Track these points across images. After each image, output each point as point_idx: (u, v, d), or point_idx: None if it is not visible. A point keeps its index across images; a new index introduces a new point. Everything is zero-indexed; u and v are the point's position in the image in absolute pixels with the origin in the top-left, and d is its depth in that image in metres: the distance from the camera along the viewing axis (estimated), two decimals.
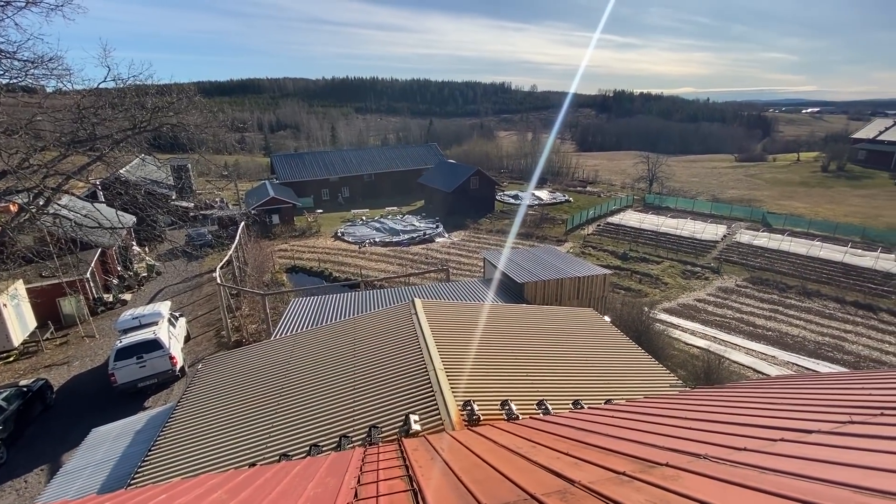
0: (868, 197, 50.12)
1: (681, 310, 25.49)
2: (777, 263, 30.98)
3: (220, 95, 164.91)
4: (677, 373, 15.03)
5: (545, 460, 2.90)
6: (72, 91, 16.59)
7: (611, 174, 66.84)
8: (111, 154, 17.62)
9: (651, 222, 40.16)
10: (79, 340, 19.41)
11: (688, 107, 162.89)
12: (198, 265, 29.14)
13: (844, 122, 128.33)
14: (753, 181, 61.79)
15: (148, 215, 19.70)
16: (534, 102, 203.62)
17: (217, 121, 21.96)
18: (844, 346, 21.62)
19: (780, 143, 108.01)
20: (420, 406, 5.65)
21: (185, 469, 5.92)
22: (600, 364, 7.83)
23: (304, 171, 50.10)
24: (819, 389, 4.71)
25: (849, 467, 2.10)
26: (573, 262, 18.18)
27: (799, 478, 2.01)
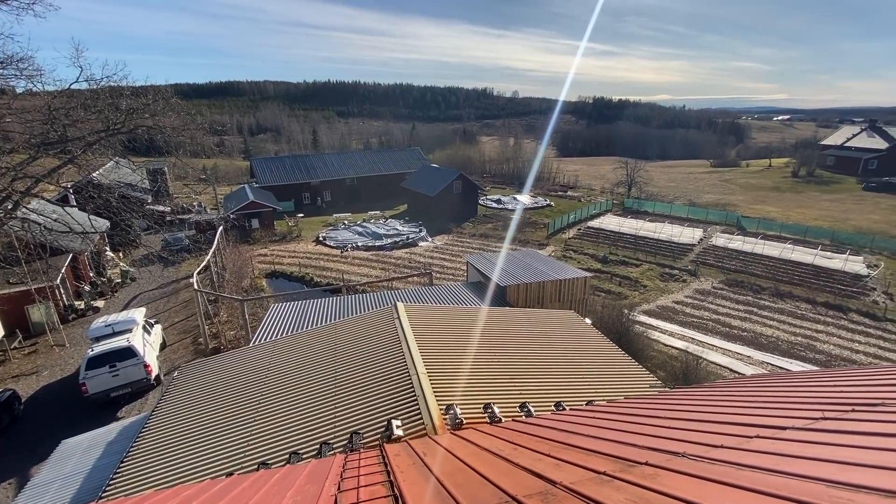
0: (837, 201, 52.05)
1: (659, 312, 25.96)
2: (751, 266, 31.86)
3: (198, 98, 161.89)
4: (656, 373, 15.28)
5: (527, 462, 2.89)
6: (42, 92, 16.09)
7: (591, 179, 67.89)
8: (83, 156, 17.11)
9: (630, 226, 40.91)
10: (48, 349, 18.70)
11: (665, 113, 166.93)
12: (174, 271, 28.44)
13: (813, 130, 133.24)
14: (728, 186, 63.55)
15: (122, 220, 19.17)
16: (515, 108, 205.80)
17: (195, 123, 21.52)
18: (816, 346, 22.32)
19: (753, 149, 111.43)
20: (402, 411, 5.60)
21: (160, 480, 5.73)
22: (582, 366, 7.90)
23: (284, 175, 49.49)
24: (792, 387, 4.83)
25: (822, 462, 2.15)
26: (555, 265, 18.36)
27: (774, 473, 2.04)
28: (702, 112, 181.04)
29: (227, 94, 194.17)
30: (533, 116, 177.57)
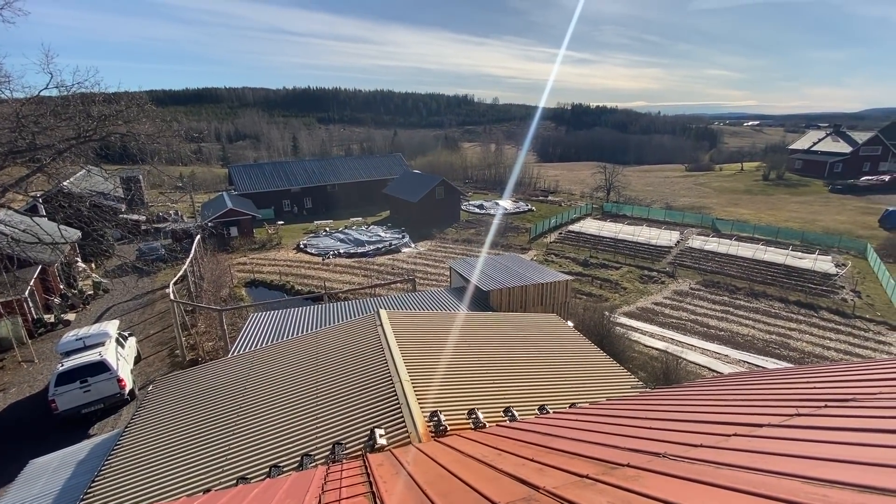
0: (805, 203, 53.94)
1: (640, 313, 26.38)
2: (727, 266, 32.70)
3: (174, 105, 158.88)
4: (638, 374, 15.52)
5: (511, 468, 2.88)
6: (10, 99, 15.56)
7: (570, 184, 68.87)
8: (53, 165, 16.57)
9: (609, 230, 41.58)
10: (16, 366, 17.92)
11: (641, 119, 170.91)
12: (150, 281, 27.67)
13: (782, 135, 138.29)
14: (702, 189, 65.26)
15: (94, 229, 18.59)
16: (496, 115, 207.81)
17: (171, 130, 21.05)
18: (790, 344, 22.98)
19: (725, 153, 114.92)
20: (386, 419, 5.53)
21: (134, 498, 5.52)
22: (565, 368, 7.95)
23: (264, 182, 48.80)
24: (768, 385, 4.95)
25: (797, 458, 2.19)
26: (537, 269, 18.51)
27: (751, 471, 2.08)
28: (676, 118, 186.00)
29: (204, 101, 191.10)
30: (513, 123, 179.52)
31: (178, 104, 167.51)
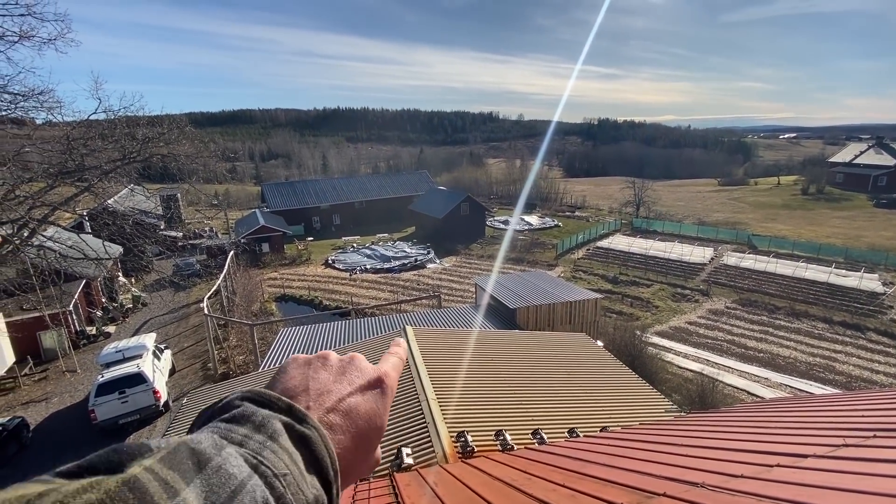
0: (848, 218, 51.45)
1: (673, 333, 25.53)
2: (765, 285, 31.37)
3: (211, 126, 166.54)
4: (672, 397, 14.94)
5: (541, 493, 2.83)
6: (62, 123, 16.61)
7: (598, 199, 68.00)
8: (100, 184, 17.52)
9: (639, 246, 40.65)
10: (59, 375, 18.79)
11: (670, 133, 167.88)
12: (185, 295, 28.68)
13: (820, 147, 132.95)
14: (737, 204, 63.23)
15: (135, 245, 19.48)
16: (521, 131, 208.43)
17: (208, 151, 22.02)
18: (835, 367, 21.72)
19: (761, 167, 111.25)
20: (412, 438, 5.52)
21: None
22: (595, 390, 7.76)
23: (294, 200, 50.22)
24: (812, 412, 4.70)
25: (844, 492, 2.08)
26: (564, 286, 18.25)
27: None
28: (707, 131, 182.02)
29: (239, 122, 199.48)
30: (539, 138, 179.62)
31: (214, 125, 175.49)
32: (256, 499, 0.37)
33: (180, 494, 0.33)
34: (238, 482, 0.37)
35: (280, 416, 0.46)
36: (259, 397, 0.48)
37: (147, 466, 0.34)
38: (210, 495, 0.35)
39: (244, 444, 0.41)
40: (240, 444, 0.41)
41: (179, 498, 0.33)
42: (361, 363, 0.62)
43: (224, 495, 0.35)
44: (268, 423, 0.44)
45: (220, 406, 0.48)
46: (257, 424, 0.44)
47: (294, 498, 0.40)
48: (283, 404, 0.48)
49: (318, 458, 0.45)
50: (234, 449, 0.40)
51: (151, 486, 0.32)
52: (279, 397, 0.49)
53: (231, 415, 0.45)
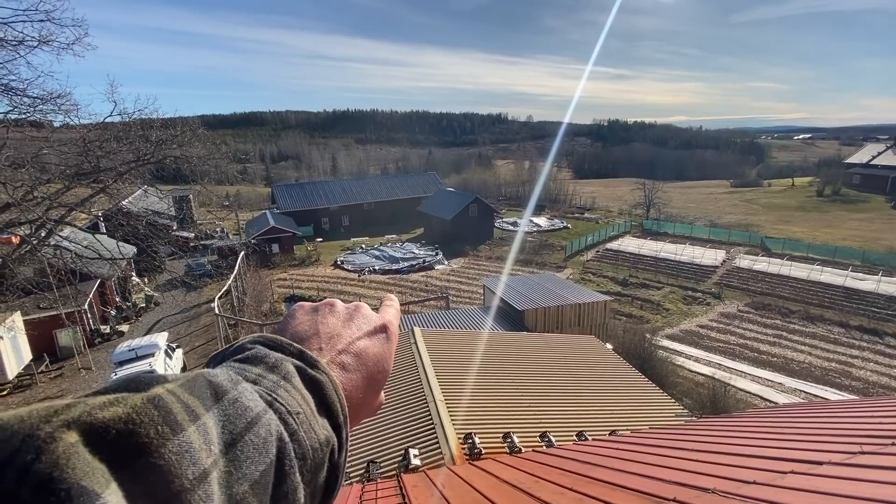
0: (865, 220, 50.45)
1: (683, 336, 25.23)
2: (778, 288, 30.87)
3: (223, 128, 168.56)
4: (682, 401, 14.76)
5: (549, 496, 2.81)
6: (78, 125, 16.93)
7: (608, 200, 67.51)
8: (115, 186, 17.82)
9: (650, 248, 40.26)
10: (74, 373, 19.12)
11: (682, 134, 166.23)
12: (196, 295, 29.02)
13: (836, 148, 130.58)
14: (750, 206, 62.36)
15: (148, 246, 19.76)
16: (530, 132, 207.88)
17: (220, 152, 22.28)
18: (852, 372, 21.29)
19: (774, 168, 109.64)
20: (420, 440, 5.52)
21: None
22: (604, 393, 7.69)
23: (304, 201, 50.60)
24: (827, 418, 4.61)
25: (861, 500, 2.03)
26: (573, 288, 18.14)
27: None
28: (719, 132, 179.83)
29: (250, 124, 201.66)
30: (548, 140, 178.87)
31: (226, 127, 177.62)
32: (272, 432, 0.38)
33: (201, 419, 0.34)
34: (254, 415, 0.38)
35: (292, 360, 0.47)
36: (271, 342, 0.49)
37: (169, 389, 0.35)
38: (227, 424, 0.36)
39: (258, 382, 0.42)
40: (254, 382, 0.42)
41: (200, 422, 0.34)
42: (366, 310, 0.64)
43: (241, 426, 0.36)
44: (280, 364, 0.45)
45: (232, 349, 0.49)
46: (270, 365, 0.45)
47: (307, 436, 0.41)
48: (295, 349, 0.49)
49: (329, 402, 0.46)
50: (250, 385, 0.41)
51: (174, 407, 0.33)
52: (290, 342, 0.49)
53: (244, 356, 0.46)
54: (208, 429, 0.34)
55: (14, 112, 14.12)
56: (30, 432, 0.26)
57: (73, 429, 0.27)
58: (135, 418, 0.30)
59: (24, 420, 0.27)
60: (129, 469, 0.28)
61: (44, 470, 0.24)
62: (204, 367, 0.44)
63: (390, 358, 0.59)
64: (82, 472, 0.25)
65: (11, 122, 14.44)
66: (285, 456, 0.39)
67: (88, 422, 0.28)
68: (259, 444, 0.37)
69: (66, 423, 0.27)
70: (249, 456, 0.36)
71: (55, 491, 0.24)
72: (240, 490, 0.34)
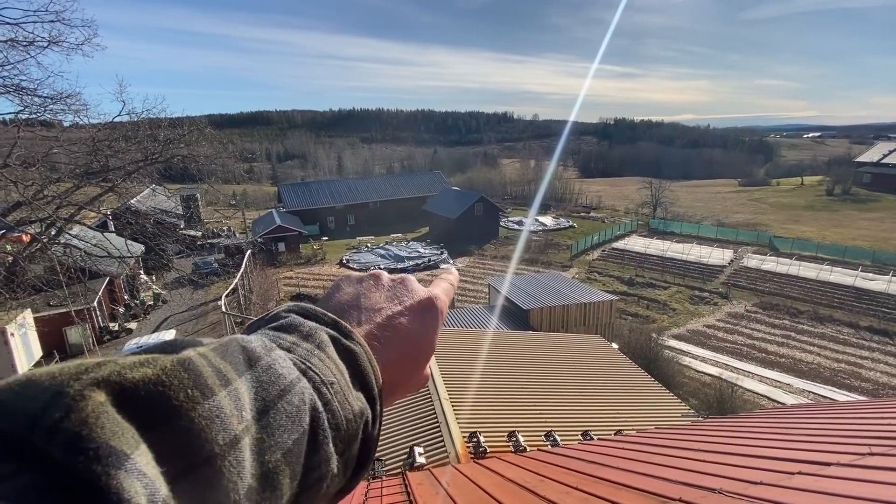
0: (876, 220, 49.83)
1: (690, 336, 25.08)
2: (787, 288, 30.60)
3: (230, 127, 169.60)
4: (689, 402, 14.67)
5: (554, 495, 2.81)
6: (88, 125, 17.10)
7: (614, 200, 67.19)
8: (123, 185, 18.00)
9: (656, 247, 40.03)
10: None
11: (689, 133, 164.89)
12: (203, 293, 29.25)
13: (846, 146, 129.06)
14: (758, 205, 61.81)
15: (156, 244, 19.93)
16: (536, 131, 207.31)
17: (226, 152, 22.42)
18: (861, 374, 21.07)
19: (783, 167, 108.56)
20: (424, 438, 5.53)
21: None
22: (609, 393, 7.67)
23: (310, 200, 50.79)
24: (836, 419, 4.57)
25: (869, 502, 2.01)
26: (579, 287, 18.09)
27: None
28: (727, 131, 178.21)
29: (256, 124, 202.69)
30: (554, 138, 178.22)
31: (233, 127, 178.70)
32: (305, 399, 0.37)
33: (233, 384, 0.33)
34: (287, 382, 0.37)
35: (326, 329, 0.45)
36: (306, 311, 0.48)
37: (201, 353, 0.34)
38: (260, 391, 0.35)
39: (292, 350, 0.41)
40: (288, 350, 0.41)
41: (232, 387, 0.33)
42: (413, 284, 0.62)
43: (274, 393, 0.35)
44: (315, 333, 0.44)
45: (268, 318, 0.48)
46: (304, 334, 0.43)
47: (341, 407, 0.40)
48: (329, 319, 0.47)
49: (363, 374, 0.45)
50: (283, 353, 0.40)
51: (205, 371, 0.32)
52: (325, 312, 0.48)
53: (279, 324, 0.45)
54: (240, 394, 0.33)
55: (25, 112, 14.29)
56: (59, 389, 0.26)
57: (103, 388, 0.27)
58: (164, 380, 0.30)
59: (55, 376, 0.27)
60: (159, 431, 0.28)
61: (72, 428, 0.24)
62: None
63: (433, 335, 0.57)
64: (111, 431, 0.25)
65: (22, 122, 14.62)
66: (319, 426, 0.38)
67: (118, 381, 0.28)
68: (292, 412, 0.36)
69: (96, 381, 0.27)
70: (282, 424, 0.35)
71: (83, 450, 0.24)
72: (272, 458, 0.33)
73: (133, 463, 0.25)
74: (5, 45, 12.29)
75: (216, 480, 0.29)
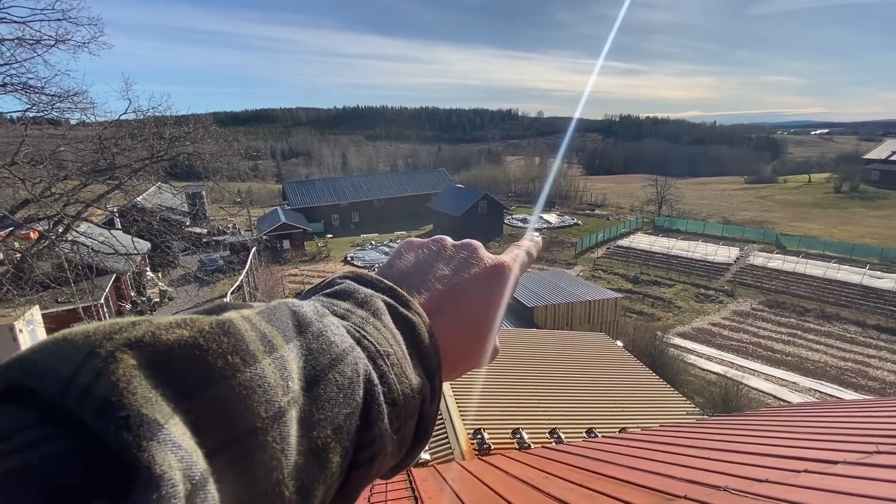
0: (884, 218, 49.33)
1: (695, 334, 24.98)
2: (793, 286, 30.39)
3: (235, 125, 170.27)
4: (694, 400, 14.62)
5: (558, 492, 2.81)
6: (94, 123, 17.22)
7: (619, 197, 66.89)
8: (129, 182, 18.12)
9: (661, 245, 39.85)
10: None
11: (695, 130, 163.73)
12: (209, 290, 29.43)
13: (855, 143, 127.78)
14: (765, 203, 61.35)
15: (162, 241, 20.06)
16: (540, 128, 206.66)
17: (232, 149, 22.52)
18: (868, 372, 20.91)
19: (791, 164, 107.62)
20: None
21: None
22: (614, 391, 7.66)
23: (315, 198, 50.91)
24: (843, 418, 4.54)
25: (876, 500, 2.01)
26: (583, 285, 18.06)
27: None
28: (734, 127, 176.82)
29: (261, 121, 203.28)
30: (558, 136, 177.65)
31: (238, 125, 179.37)
32: (359, 371, 0.34)
33: (278, 351, 0.30)
34: (340, 350, 0.33)
35: (383, 296, 0.41)
36: (361, 277, 0.44)
37: (245, 315, 0.30)
38: (310, 359, 0.31)
39: (346, 317, 0.37)
40: (342, 318, 0.37)
41: (277, 354, 0.30)
42: (479, 250, 0.56)
43: (325, 362, 0.32)
44: (371, 300, 0.40)
45: (322, 285, 0.44)
46: (360, 301, 0.40)
47: (398, 380, 0.36)
48: (385, 285, 0.43)
49: (422, 346, 0.41)
50: (337, 319, 0.36)
51: (248, 335, 0.29)
52: (381, 279, 0.44)
53: (333, 290, 0.42)
54: (287, 362, 0.30)
55: (32, 110, 14.41)
56: (91, 349, 0.24)
57: (136, 349, 0.25)
58: (202, 343, 0.27)
59: (89, 335, 0.25)
60: (195, 401, 0.25)
61: (102, 393, 0.22)
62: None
63: (499, 305, 0.52)
64: (143, 398, 0.23)
65: (30, 120, 14.73)
66: (374, 400, 0.34)
67: (152, 342, 0.26)
68: (345, 384, 0.32)
69: (128, 342, 0.25)
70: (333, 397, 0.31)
71: (114, 417, 0.22)
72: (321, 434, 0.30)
73: (167, 433, 0.23)
74: (12, 43, 12.39)
75: (258, 456, 0.26)
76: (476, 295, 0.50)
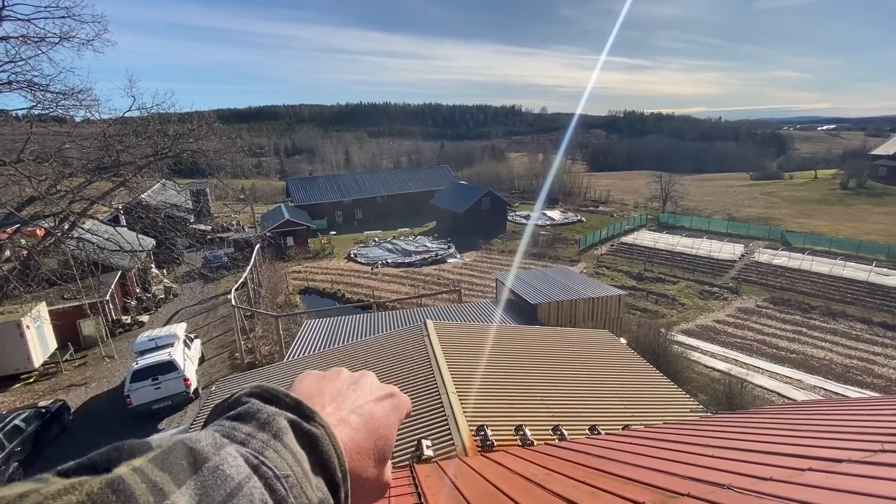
0: (891, 214, 48.89)
1: (699, 331, 24.90)
2: (798, 283, 30.21)
3: (238, 122, 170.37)
4: (697, 397, 14.60)
5: (561, 489, 2.82)
6: (99, 120, 17.30)
7: (623, 194, 66.59)
8: (134, 179, 18.22)
9: (666, 242, 39.68)
10: (97, 361, 19.68)
11: (700, 126, 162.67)
12: (213, 287, 29.56)
13: (862, 139, 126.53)
14: (770, 199, 60.92)
15: (167, 238, 20.17)
16: (544, 124, 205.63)
17: (235, 146, 22.59)
18: (874, 370, 20.79)
19: (797, 160, 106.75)
20: (432, 431, 5.57)
21: None
22: (617, 388, 7.65)
23: (318, 194, 50.97)
24: (848, 416, 4.52)
25: (881, 499, 2.00)
26: (587, 282, 18.01)
27: None
28: (740, 123, 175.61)
29: (264, 118, 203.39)
30: (562, 132, 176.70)
31: (241, 121, 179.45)
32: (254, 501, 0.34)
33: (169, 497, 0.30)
34: (235, 484, 0.34)
35: (286, 414, 0.43)
36: (267, 393, 0.46)
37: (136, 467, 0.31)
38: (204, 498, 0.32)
39: (246, 442, 0.39)
40: (242, 443, 0.39)
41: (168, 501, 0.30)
42: (374, 379, 0.62)
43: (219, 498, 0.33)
44: (273, 420, 0.41)
45: (229, 402, 0.46)
46: (262, 422, 0.41)
47: (296, 501, 0.37)
48: (291, 401, 0.45)
49: (325, 459, 0.42)
50: (235, 448, 0.37)
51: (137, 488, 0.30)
52: (287, 394, 0.46)
53: (237, 412, 0.43)
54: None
55: (37, 107, 14.48)
56: None
57: None
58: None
59: None
60: None
61: None
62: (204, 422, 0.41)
63: (395, 428, 0.56)
64: None
65: (35, 118, 14.81)
66: None
67: None
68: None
69: None
70: None
71: None
72: None
73: None
74: (17, 40, 12.44)
75: None
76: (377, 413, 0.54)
